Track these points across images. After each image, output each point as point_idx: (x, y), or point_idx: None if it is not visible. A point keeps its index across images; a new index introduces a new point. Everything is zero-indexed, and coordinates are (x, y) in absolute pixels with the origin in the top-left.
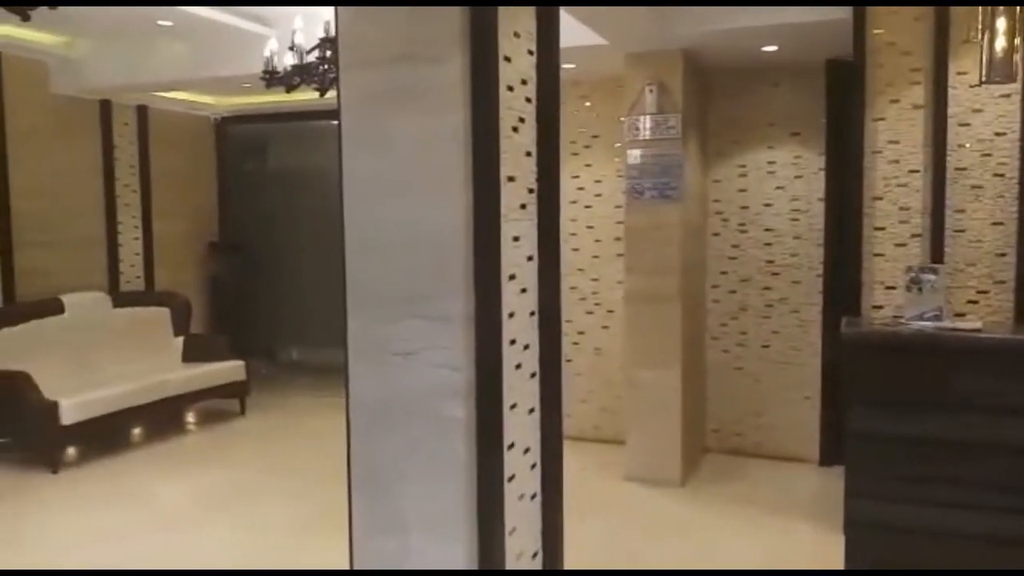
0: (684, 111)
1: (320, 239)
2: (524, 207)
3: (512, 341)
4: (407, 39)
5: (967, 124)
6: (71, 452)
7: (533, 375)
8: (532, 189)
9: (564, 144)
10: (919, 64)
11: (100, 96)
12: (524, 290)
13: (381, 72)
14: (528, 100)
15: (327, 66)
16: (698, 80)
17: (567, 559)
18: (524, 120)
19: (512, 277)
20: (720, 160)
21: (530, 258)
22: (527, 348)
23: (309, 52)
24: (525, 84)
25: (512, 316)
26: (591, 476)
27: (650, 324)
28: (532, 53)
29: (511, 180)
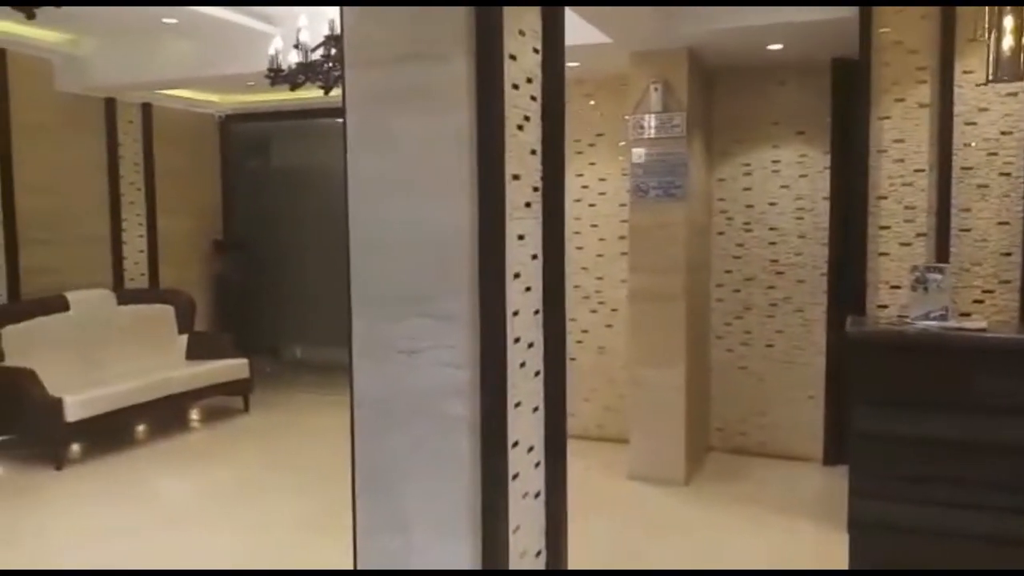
0: (689, 110)
1: (324, 237)
2: (529, 205)
3: (516, 339)
4: (412, 37)
5: (973, 123)
6: (75, 449)
7: (537, 374)
8: (537, 187)
9: (568, 143)
10: (925, 63)
11: (105, 94)
12: (528, 288)
13: (386, 70)
14: (533, 98)
15: (332, 64)
16: (703, 79)
17: (570, 558)
18: (529, 118)
19: (517, 275)
20: (725, 159)
21: (535, 256)
22: (531, 346)
23: (314, 50)
24: (530, 82)
25: (516, 314)
26: (595, 475)
27: (654, 323)
28: (537, 51)
29: (516, 178)
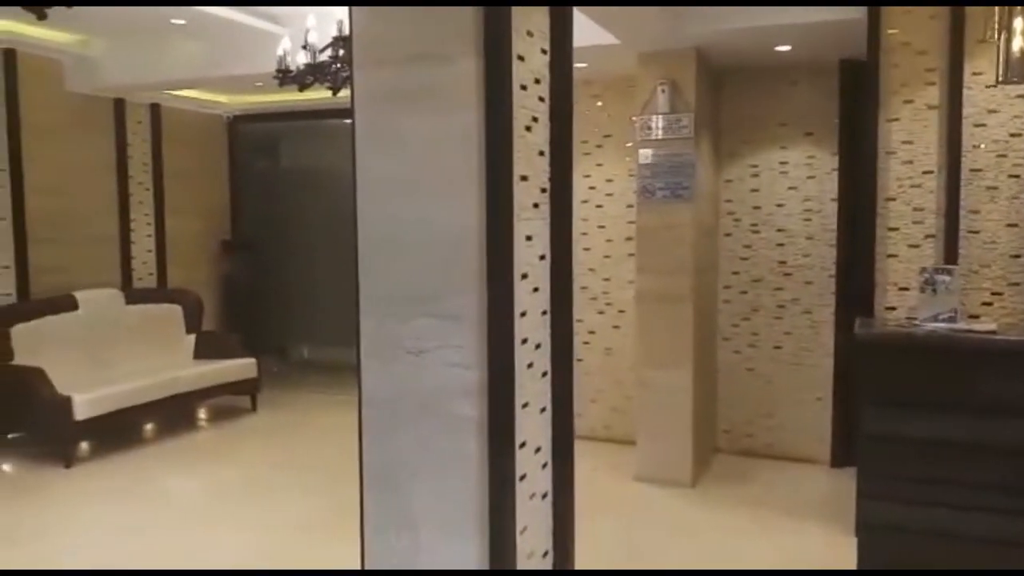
0: (696, 111)
1: (331, 238)
2: (537, 206)
3: (524, 340)
4: (421, 38)
5: (982, 125)
6: (84, 447)
7: (545, 374)
8: (545, 188)
9: (576, 144)
10: (934, 64)
11: (114, 94)
12: (536, 289)
13: (395, 71)
14: (541, 99)
15: (340, 65)
16: (711, 79)
17: (578, 559)
18: (537, 119)
19: (524, 276)
20: (732, 160)
21: (542, 257)
22: (539, 347)
23: (322, 51)
24: (538, 83)
25: (524, 315)
26: (601, 476)
27: (661, 324)
28: (545, 52)
29: (524, 179)
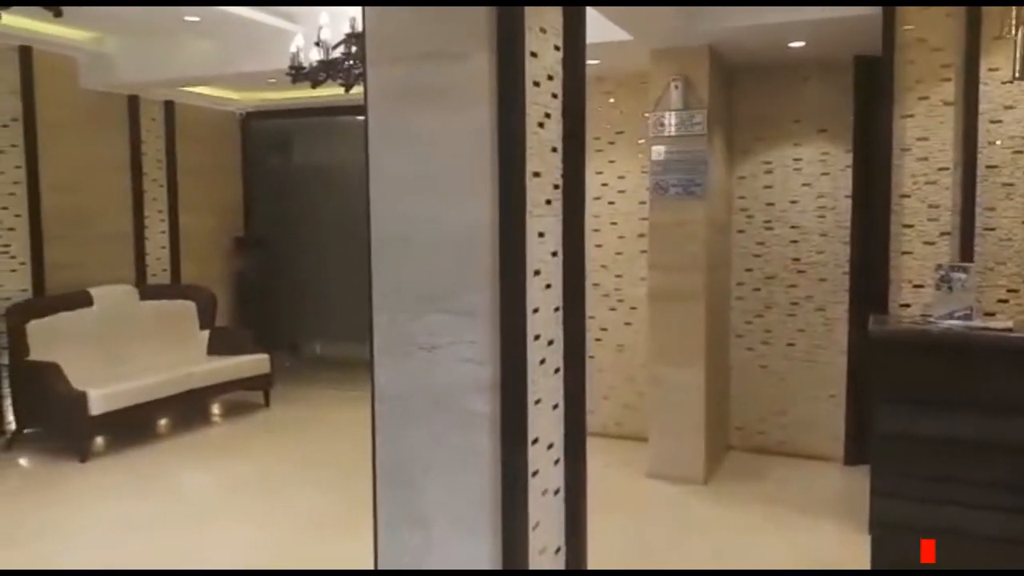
0: (710, 107)
1: (344, 234)
2: (549, 203)
3: (536, 336)
4: (433, 35)
5: (999, 121)
6: (99, 442)
7: (557, 371)
8: (557, 185)
9: (588, 140)
10: (950, 60)
11: (129, 91)
12: (549, 286)
13: (407, 68)
14: (554, 96)
15: (353, 62)
16: (724, 76)
17: (590, 555)
18: (550, 116)
19: (537, 272)
20: (746, 156)
21: (555, 254)
22: (551, 344)
23: (335, 48)
24: (551, 80)
25: (537, 311)
26: (614, 473)
27: (673, 321)
28: (558, 48)
29: (536, 176)
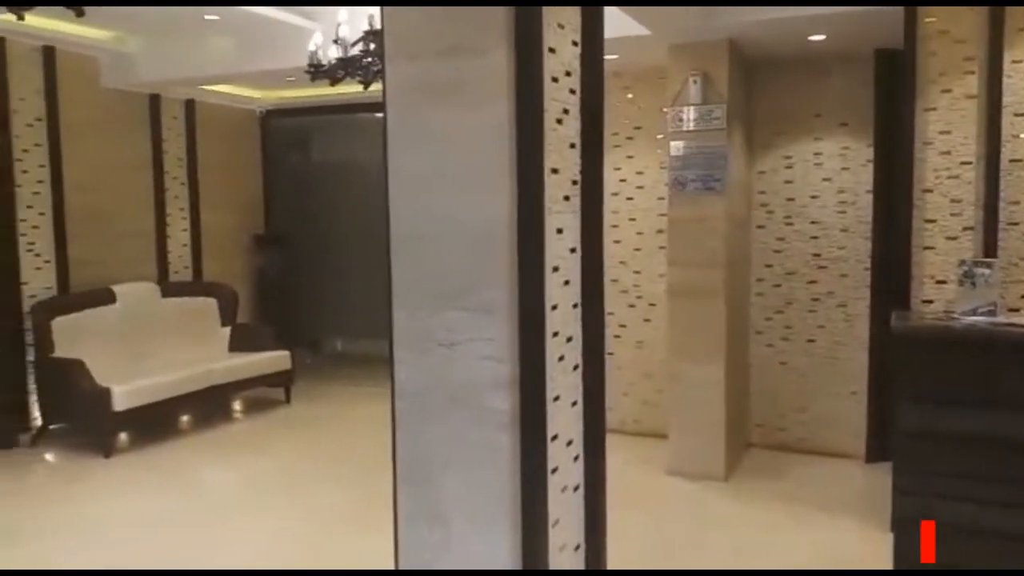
0: (729, 102)
1: (363, 231)
2: (568, 199)
3: (555, 333)
4: (452, 31)
5: (1022, 114)
6: (123, 438)
7: (576, 367)
8: (576, 181)
9: (606, 136)
10: (972, 53)
11: (150, 90)
12: (567, 282)
13: (426, 64)
14: (572, 92)
15: (371, 59)
16: (743, 70)
17: (610, 552)
18: (568, 112)
19: (555, 269)
20: (765, 151)
21: (573, 250)
22: (570, 340)
23: (353, 45)
24: (569, 75)
25: (555, 308)
26: (633, 469)
27: (693, 318)
28: (576, 44)
29: (555, 172)
